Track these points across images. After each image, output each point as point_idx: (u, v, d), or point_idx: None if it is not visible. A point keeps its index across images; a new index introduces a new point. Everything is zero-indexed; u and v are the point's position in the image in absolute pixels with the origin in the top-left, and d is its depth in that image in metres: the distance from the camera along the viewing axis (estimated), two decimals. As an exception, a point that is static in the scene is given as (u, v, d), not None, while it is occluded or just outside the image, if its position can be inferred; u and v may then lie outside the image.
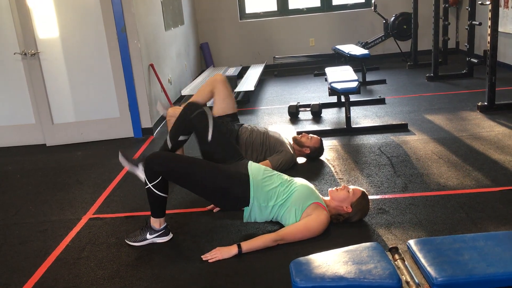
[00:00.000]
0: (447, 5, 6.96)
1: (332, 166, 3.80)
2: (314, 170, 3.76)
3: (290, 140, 3.98)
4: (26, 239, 3.05)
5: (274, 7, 8.64)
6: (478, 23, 5.98)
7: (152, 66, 5.41)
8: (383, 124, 4.71)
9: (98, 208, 3.42)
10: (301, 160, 3.98)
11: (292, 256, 2.37)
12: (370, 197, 3.13)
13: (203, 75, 7.58)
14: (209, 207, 3.20)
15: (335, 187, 2.86)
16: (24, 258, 2.82)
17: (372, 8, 7.66)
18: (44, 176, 4.21)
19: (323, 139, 4.10)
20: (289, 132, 4.79)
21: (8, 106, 5.08)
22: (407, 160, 3.76)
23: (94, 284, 2.47)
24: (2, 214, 3.49)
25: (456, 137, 4.21)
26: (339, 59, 8.03)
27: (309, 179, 3.26)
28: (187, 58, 7.56)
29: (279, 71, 8.27)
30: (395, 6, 8.13)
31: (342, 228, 2.78)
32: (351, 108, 5.05)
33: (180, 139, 3.30)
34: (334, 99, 5.69)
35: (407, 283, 1.82)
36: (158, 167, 2.65)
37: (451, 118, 4.76)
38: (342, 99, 5.09)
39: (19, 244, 3.00)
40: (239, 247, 2.58)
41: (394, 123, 4.68)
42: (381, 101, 5.59)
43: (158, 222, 2.79)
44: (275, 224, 2.88)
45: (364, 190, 2.85)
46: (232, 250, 2.58)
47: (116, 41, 4.88)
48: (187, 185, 2.75)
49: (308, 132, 4.30)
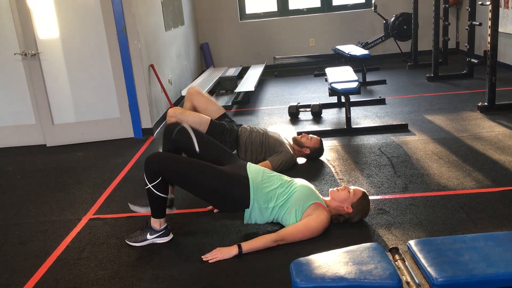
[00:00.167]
0: (447, 5, 6.96)
1: (333, 167, 3.80)
2: (314, 170, 3.76)
3: (290, 141, 3.98)
4: (27, 240, 3.05)
5: (274, 8, 8.64)
6: (478, 23, 5.98)
7: (152, 66, 5.41)
8: (383, 124, 4.71)
9: (99, 209, 3.42)
10: (301, 160, 3.98)
11: (293, 257, 2.37)
12: (371, 197, 3.13)
13: (203, 76, 7.58)
14: (209, 208, 3.20)
15: (336, 188, 2.86)
16: (24, 258, 2.82)
17: (372, 8, 7.66)
18: (45, 176, 4.21)
19: (323, 139, 4.11)
20: (289, 132, 4.79)
21: (8, 107, 5.08)
22: (408, 161, 3.76)
23: (94, 285, 2.47)
24: (2, 214, 3.49)
25: (456, 137, 4.21)
26: (339, 59, 8.03)
27: (309, 180, 3.26)
28: (187, 59, 7.56)
29: (279, 71, 8.27)
30: (395, 6, 8.13)
31: (342, 228, 2.78)
32: (351, 108, 5.05)
33: None
34: (334, 99, 5.69)
35: (408, 283, 1.82)
36: (158, 167, 2.65)
37: (451, 119, 4.76)
38: (342, 99, 5.09)
39: (20, 245, 3.00)
40: (240, 247, 2.58)
41: (394, 123, 4.68)
42: (381, 101, 5.59)
43: (159, 223, 2.79)
44: (276, 225, 2.88)
45: (365, 191, 2.85)
46: (232, 251, 2.58)
47: (116, 41, 4.88)
48: (186, 186, 2.75)
49: (309, 132, 4.30)
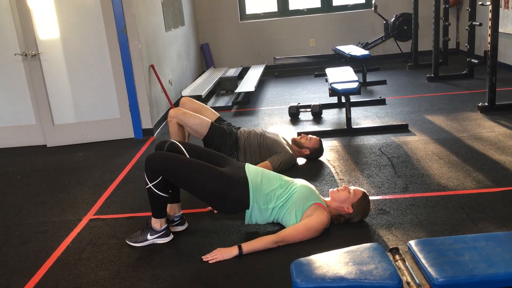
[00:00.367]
0: (447, 5, 6.96)
1: (333, 167, 3.80)
2: (314, 170, 3.76)
3: (289, 141, 3.97)
4: (27, 240, 3.05)
5: (274, 8, 8.64)
6: (478, 23, 5.98)
7: (152, 66, 5.41)
8: (384, 124, 4.71)
9: (99, 209, 3.42)
10: (301, 161, 3.98)
11: (293, 257, 2.37)
12: (371, 197, 3.13)
13: (203, 76, 7.59)
14: (209, 208, 3.20)
15: (336, 188, 2.86)
16: (24, 259, 2.82)
17: (373, 8, 7.67)
18: (45, 177, 4.21)
19: (323, 139, 4.11)
20: (289, 133, 4.79)
21: (8, 107, 5.08)
22: (408, 161, 3.76)
23: (95, 285, 2.47)
24: (2, 215, 3.49)
25: (457, 137, 4.21)
26: (340, 59, 8.03)
27: (309, 180, 3.27)
28: (188, 59, 7.56)
29: (280, 71, 8.27)
30: (395, 6, 8.14)
31: (342, 228, 2.78)
32: (352, 108, 5.05)
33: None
34: (334, 99, 5.69)
35: (408, 283, 1.82)
36: (158, 166, 2.65)
37: (452, 119, 4.76)
38: (343, 99, 5.10)
39: (20, 245, 3.00)
40: (240, 248, 2.58)
41: (395, 123, 4.68)
42: (381, 101, 5.59)
43: (159, 223, 2.79)
44: (276, 225, 2.88)
45: (365, 191, 2.85)
46: (232, 251, 2.58)
47: (116, 42, 4.88)
48: (186, 186, 2.74)
49: (309, 132, 4.31)
